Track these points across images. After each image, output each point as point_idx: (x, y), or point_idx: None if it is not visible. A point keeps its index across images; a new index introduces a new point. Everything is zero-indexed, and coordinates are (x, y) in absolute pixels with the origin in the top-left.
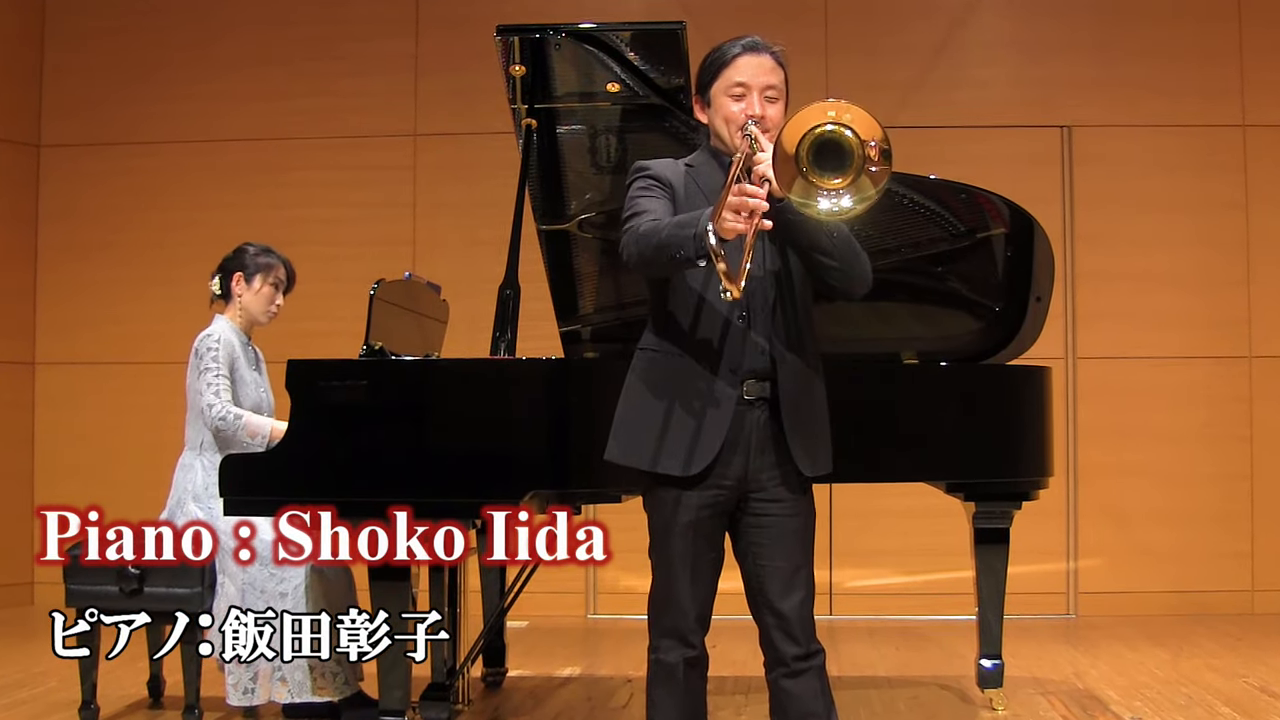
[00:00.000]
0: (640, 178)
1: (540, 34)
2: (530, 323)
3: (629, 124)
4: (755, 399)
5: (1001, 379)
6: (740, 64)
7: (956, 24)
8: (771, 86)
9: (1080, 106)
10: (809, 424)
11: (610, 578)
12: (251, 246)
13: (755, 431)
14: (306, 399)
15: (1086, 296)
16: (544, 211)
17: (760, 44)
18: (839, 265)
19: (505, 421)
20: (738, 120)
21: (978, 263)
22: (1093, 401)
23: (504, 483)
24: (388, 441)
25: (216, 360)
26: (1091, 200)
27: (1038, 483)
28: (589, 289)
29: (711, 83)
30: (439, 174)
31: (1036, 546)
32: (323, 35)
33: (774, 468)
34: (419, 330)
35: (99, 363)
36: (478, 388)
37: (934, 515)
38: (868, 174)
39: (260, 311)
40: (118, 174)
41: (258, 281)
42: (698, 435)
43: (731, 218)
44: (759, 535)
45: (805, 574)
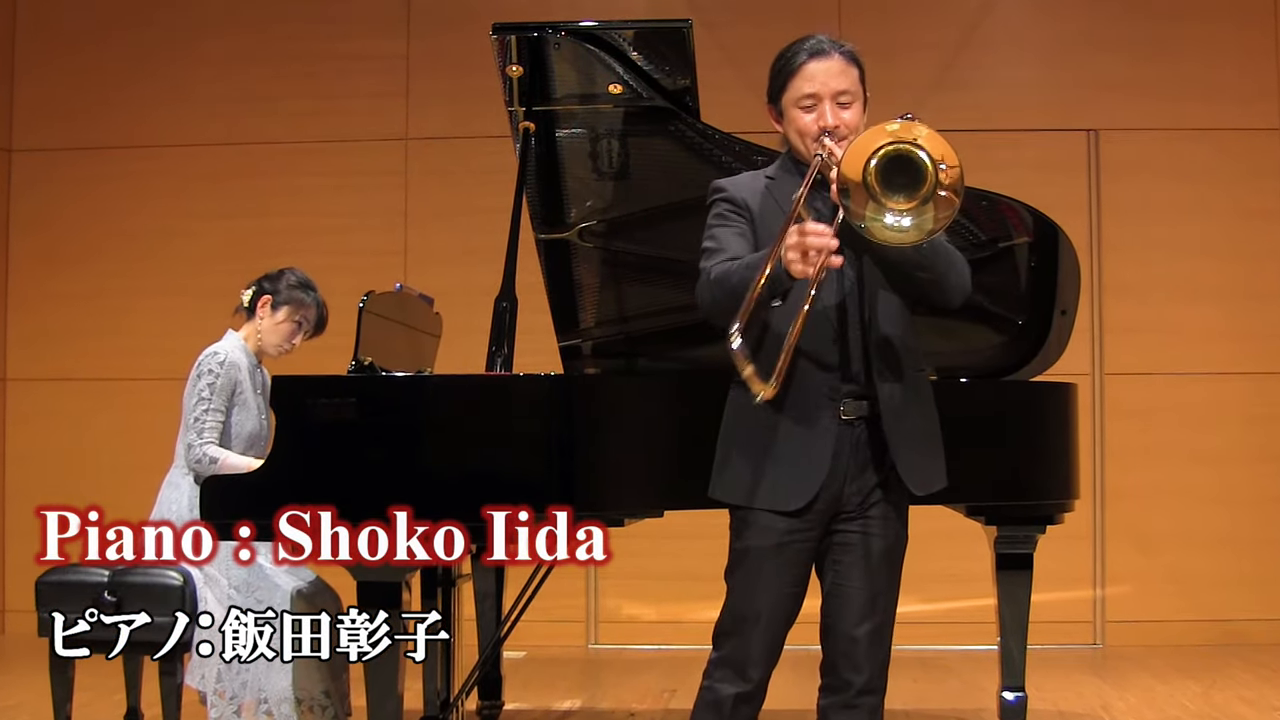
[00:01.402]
0: (716, 201)
1: (539, 32)
2: (528, 337)
3: (632, 127)
4: (854, 418)
5: (1025, 396)
6: (807, 71)
7: (976, 21)
8: (844, 91)
9: (1108, 109)
10: (917, 439)
11: (612, 606)
12: (294, 274)
13: (853, 452)
14: (292, 417)
15: (1114, 309)
16: (542, 219)
17: (827, 44)
18: (931, 275)
19: (502, 441)
20: (811, 132)
21: (1000, 274)
22: (1121, 420)
23: (501, 504)
24: (377, 462)
25: (213, 389)
26: (1119, 208)
27: (1063, 505)
28: (590, 301)
29: (781, 93)
30: (432, 180)
31: (1061, 573)
32: (309, 34)
33: (872, 489)
34: (411, 345)
35: (72, 379)
36: (472, 406)
37: (954, 540)
38: (936, 199)
39: (273, 345)
40: (93, 180)
41: (283, 313)
42: (798, 468)
43: (797, 259)
44: (841, 553)
45: (885, 601)
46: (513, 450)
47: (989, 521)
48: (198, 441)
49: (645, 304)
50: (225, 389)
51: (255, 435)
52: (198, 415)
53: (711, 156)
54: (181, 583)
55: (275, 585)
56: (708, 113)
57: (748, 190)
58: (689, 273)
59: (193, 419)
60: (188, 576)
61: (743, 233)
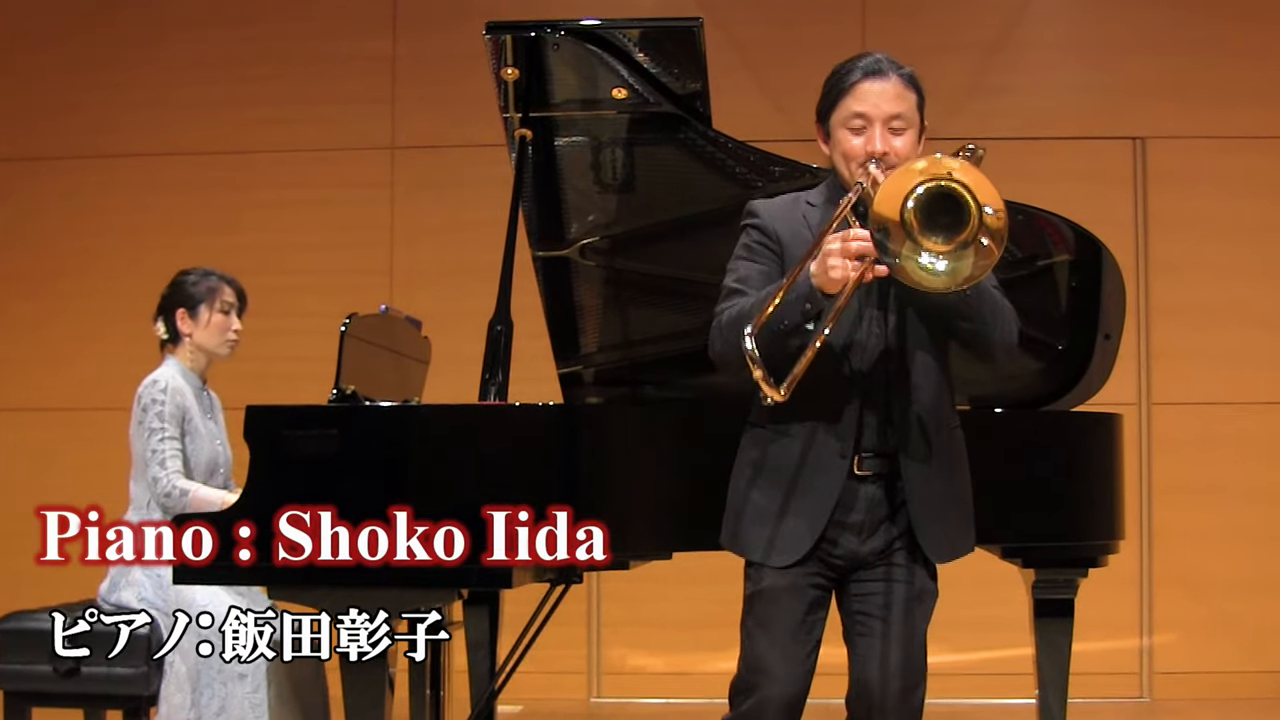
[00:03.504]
0: (747, 228)
1: (536, 32)
2: (525, 363)
3: (638, 135)
4: (870, 474)
5: (1065, 428)
6: (860, 91)
7: (1014, 20)
8: (897, 116)
9: (1156, 115)
10: (943, 506)
11: (616, 656)
12: (190, 274)
13: (868, 510)
14: (267, 451)
15: (1162, 333)
16: (540, 236)
17: (885, 64)
18: (974, 326)
19: (496, 476)
20: (857, 156)
21: (1038, 294)
22: (1170, 454)
23: None
24: (360, 500)
25: (162, 419)
26: (1168, 223)
27: (1107, 547)
28: (592, 325)
29: (830, 112)
30: (420, 193)
31: (1105, 620)
32: (284, 34)
33: (892, 545)
34: (397, 372)
35: (34, 409)
36: (465, 438)
37: (987, 584)
38: (977, 246)
39: (218, 344)
40: (51, 194)
41: (204, 312)
42: (801, 520)
43: (839, 264)
44: (863, 604)
45: (915, 655)
46: (508, 486)
47: (1026, 564)
48: (163, 474)
49: (652, 327)
50: (175, 416)
51: (212, 463)
52: (154, 447)
53: (724, 167)
54: (149, 629)
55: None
56: (720, 119)
57: (782, 219)
58: (700, 293)
59: (150, 452)
60: (156, 623)
61: (768, 272)
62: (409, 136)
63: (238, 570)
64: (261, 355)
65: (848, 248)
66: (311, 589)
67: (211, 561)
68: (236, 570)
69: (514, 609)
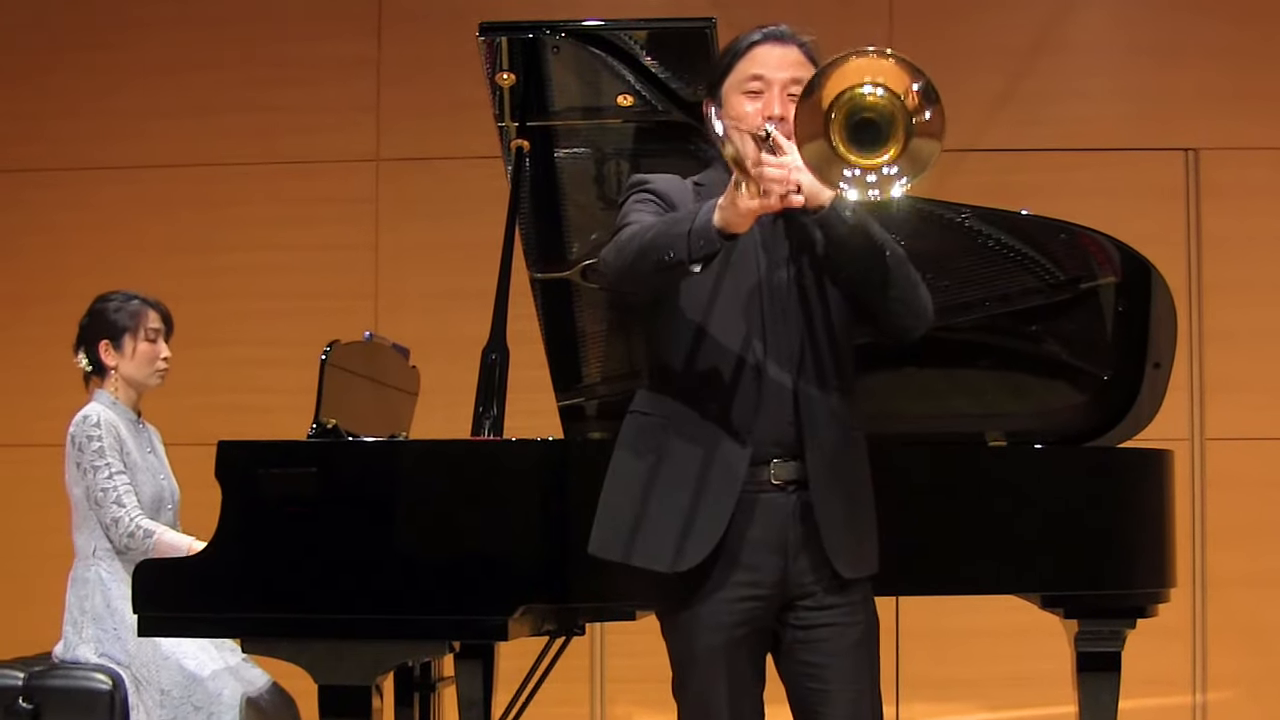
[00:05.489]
0: (637, 191)
1: (534, 33)
2: (521, 395)
3: (645, 146)
4: (785, 482)
5: (1111, 465)
6: (758, 55)
7: (1054, 22)
8: (796, 82)
9: (1209, 125)
10: (850, 510)
11: (621, 715)
12: (110, 300)
13: (791, 524)
14: (241, 491)
15: (1217, 362)
16: (539, 256)
17: (787, 33)
18: (895, 294)
19: (491, 519)
20: (751, 122)
21: (1081, 320)
22: (1225, 493)
23: (489, 595)
24: (343, 544)
25: (103, 454)
26: (1223, 242)
27: (1156, 595)
28: (595, 353)
29: (723, 78)
30: (407, 208)
31: (1155, 675)
32: (261, 35)
33: (819, 567)
34: (382, 404)
35: None
36: (456, 476)
37: (1025, 636)
38: (920, 129)
39: (146, 375)
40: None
41: (129, 342)
42: (691, 520)
43: (752, 196)
44: (808, 652)
45: (870, 702)
46: (503, 529)
47: (1068, 614)
48: (123, 513)
49: None
50: (114, 449)
51: (157, 498)
52: (104, 486)
53: None
54: (111, 687)
55: (218, 693)
56: None
57: (675, 189)
58: None
59: (99, 492)
60: (118, 680)
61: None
62: (395, 148)
63: (208, 621)
64: (234, 386)
65: (764, 173)
66: (289, 642)
67: (179, 612)
68: (207, 621)
69: (510, 663)
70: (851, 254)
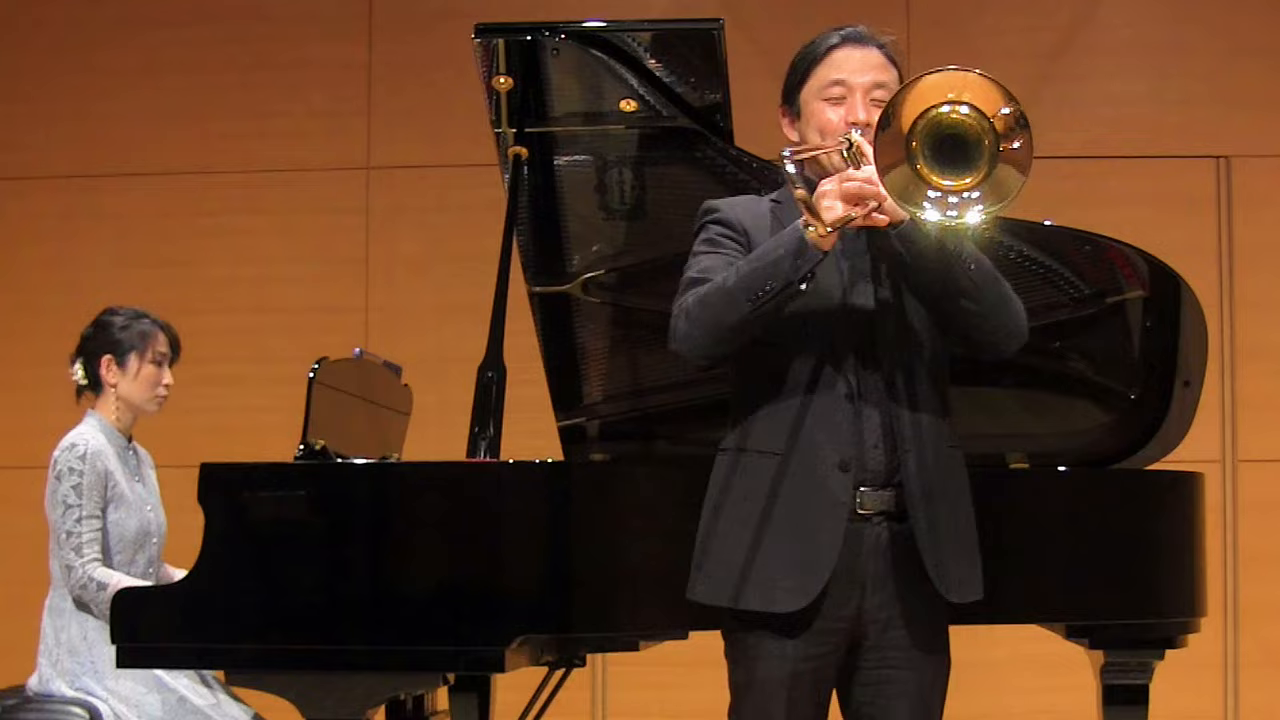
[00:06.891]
0: (707, 224)
1: (533, 35)
2: (519, 414)
3: (649, 154)
4: (874, 514)
5: (1138, 489)
6: (838, 58)
7: (1078, 23)
8: (880, 85)
9: (1242, 131)
10: (952, 532)
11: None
12: (117, 314)
13: (875, 556)
14: (224, 515)
15: (1250, 380)
16: (538, 269)
17: (865, 35)
18: (983, 310)
19: (487, 544)
20: (836, 130)
21: (1107, 336)
22: (1257, 517)
23: (486, 625)
24: (332, 571)
25: (80, 493)
26: (1256, 253)
27: (1186, 625)
28: (597, 371)
29: (801, 85)
30: (400, 219)
31: (1185, 709)
32: (243, 37)
33: (898, 602)
34: (373, 425)
35: None
36: (451, 500)
37: (1049, 667)
38: (1006, 156)
39: (145, 399)
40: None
41: (134, 362)
42: (799, 559)
43: (833, 205)
44: (873, 694)
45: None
46: (500, 555)
47: (1094, 645)
48: (78, 562)
49: (664, 374)
50: (95, 487)
51: (143, 532)
52: (69, 529)
53: (747, 189)
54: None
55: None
56: (743, 135)
57: (748, 214)
58: None
59: (64, 534)
60: (95, 713)
61: (735, 265)
62: (386, 155)
63: (190, 653)
64: (219, 405)
65: (845, 189)
66: (275, 674)
67: (160, 642)
68: (189, 653)
69: (508, 695)
70: (933, 267)
